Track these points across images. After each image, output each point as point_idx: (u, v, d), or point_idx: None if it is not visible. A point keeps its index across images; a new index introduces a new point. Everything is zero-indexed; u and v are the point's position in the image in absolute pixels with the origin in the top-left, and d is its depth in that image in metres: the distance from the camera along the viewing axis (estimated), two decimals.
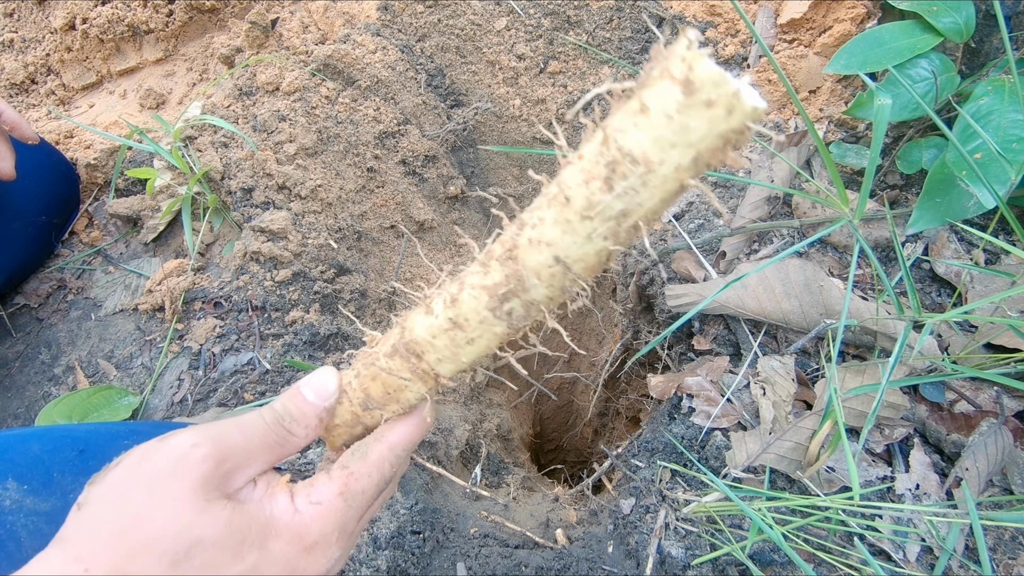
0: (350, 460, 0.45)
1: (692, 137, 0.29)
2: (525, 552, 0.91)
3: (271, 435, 0.43)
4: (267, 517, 0.41)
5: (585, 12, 1.36)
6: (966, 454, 0.80)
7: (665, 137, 0.29)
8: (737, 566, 0.81)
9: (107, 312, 1.18)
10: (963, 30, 0.96)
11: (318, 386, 0.46)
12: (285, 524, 0.41)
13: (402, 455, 0.46)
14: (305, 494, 0.43)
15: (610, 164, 0.31)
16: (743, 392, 0.92)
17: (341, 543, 0.43)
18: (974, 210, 0.85)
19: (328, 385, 0.46)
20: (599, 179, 0.32)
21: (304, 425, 0.45)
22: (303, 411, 0.45)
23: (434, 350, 0.42)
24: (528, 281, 0.37)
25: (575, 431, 1.63)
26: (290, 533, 0.41)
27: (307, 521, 0.41)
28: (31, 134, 1.07)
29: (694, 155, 0.29)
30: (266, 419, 0.43)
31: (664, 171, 0.30)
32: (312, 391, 0.45)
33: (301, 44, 1.36)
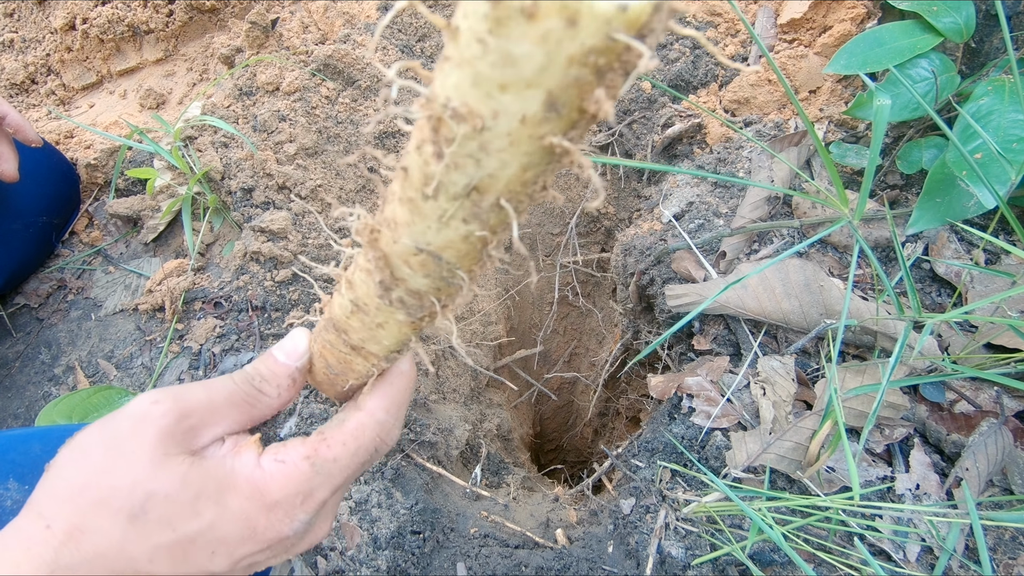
0: (327, 427, 0.44)
1: (526, 71, 0.19)
2: (525, 552, 0.91)
3: (239, 393, 0.42)
4: (227, 472, 0.40)
5: None
6: (966, 454, 0.80)
7: (486, 76, 0.20)
8: (737, 566, 0.81)
9: (107, 312, 1.18)
10: (963, 30, 0.96)
11: (288, 347, 0.45)
12: (245, 479, 0.40)
13: (386, 419, 0.43)
14: (272, 453, 0.42)
15: (432, 123, 0.23)
16: (743, 392, 0.92)
17: (306, 508, 0.41)
18: (974, 210, 0.85)
19: (299, 346, 0.45)
20: (428, 143, 0.24)
21: (275, 384, 0.44)
22: (273, 371, 0.44)
23: (353, 331, 0.39)
24: (400, 270, 0.31)
25: (575, 431, 1.64)
26: (249, 488, 0.39)
27: (267, 478, 0.40)
28: (35, 137, 1.08)
29: (543, 100, 0.20)
30: (235, 379, 0.43)
31: (504, 127, 0.21)
32: (283, 351, 0.45)
33: (301, 44, 1.36)
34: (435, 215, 0.26)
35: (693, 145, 1.25)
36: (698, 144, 1.25)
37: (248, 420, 0.43)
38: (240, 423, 0.43)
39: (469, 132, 0.22)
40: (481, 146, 0.22)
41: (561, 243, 1.53)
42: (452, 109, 0.22)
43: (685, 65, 1.27)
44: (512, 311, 1.53)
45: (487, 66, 0.20)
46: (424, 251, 0.28)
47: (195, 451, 0.40)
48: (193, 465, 0.38)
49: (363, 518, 0.91)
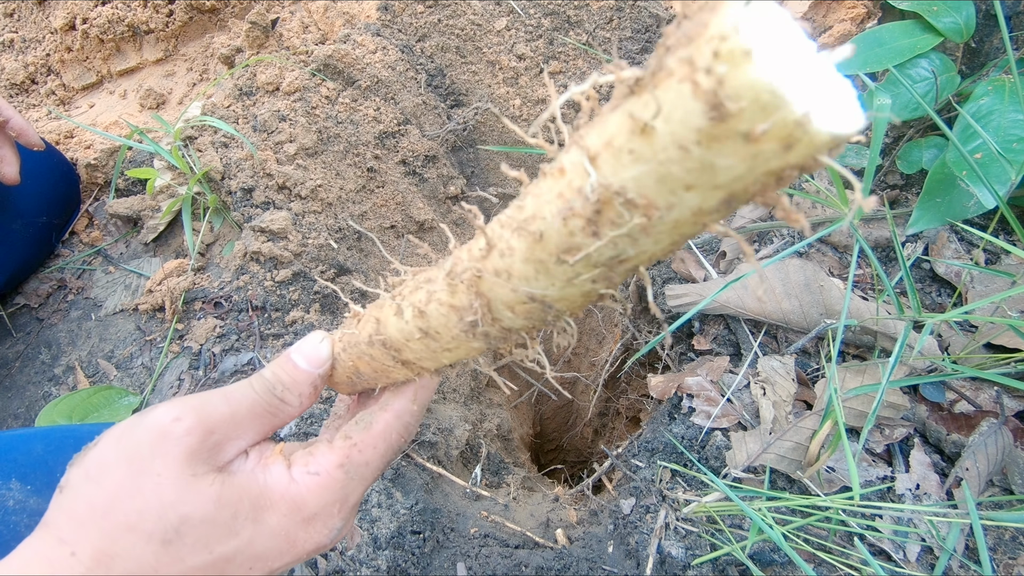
0: (354, 430, 0.42)
1: (721, 179, 0.20)
2: (525, 552, 0.91)
3: (261, 404, 0.41)
4: (260, 488, 0.39)
5: (585, 12, 1.36)
6: (966, 454, 0.80)
7: (677, 177, 0.20)
8: (737, 566, 0.81)
9: (107, 312, 1.18)
10: (963, 30, 0.96)
11: (310, 352, 0.43)
12: (280, 495, 0.39)
13: (411, 421, 0.44)
14: (303, 463, 0.41)
15: (595, 205, 0.23)
16: (743, 392, 0.92)
17: (342, 514, 0.41)
18: (974, 210, 0.85)
19: (321, 351, 0.44)
20: (580, 219, 0.24)
21: (297, 393, 0.42)
22: (295, 378, 0.42)
23: (411, 351, 0.38)
24: (499, 312, 0.31)
25: (575, 431, 1.63)
26: (286, 504, 0.39)
27: (304, 492, 0.39)
28: (37, 141, 1.08)
29: (723, 198, 0.21)
30: (255, 388, 0.41)
31: (675, 216, 0.22)
32: (304, 357, 0.43)
33: (301, 44, 1.36)
34: (565, 276, 0.26)
35: None
36: None
37: (269, 430, 0.42)
38: (262, 433, 0.42)
39: (640, 221, 0.22)
40: (644, 229, 0.23)
41: None
42: (627, 199, 0.22)
43: None
44: None
45: (682, 170, 0.20)
46: (537, 300, 0.28)
47: (221, 467, 0.39)
48: (225, 484, 0.37)
49: (363, 518, 0.91)
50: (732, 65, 0.17)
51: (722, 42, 0.17)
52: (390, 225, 1.32)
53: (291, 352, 0.43)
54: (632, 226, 0.23)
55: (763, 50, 0.17)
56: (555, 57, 1.38)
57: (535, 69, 1.39)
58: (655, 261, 0.27)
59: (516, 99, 1.39)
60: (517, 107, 1.39)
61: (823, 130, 0.18)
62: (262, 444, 0.42)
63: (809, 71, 0.18)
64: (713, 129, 0.18)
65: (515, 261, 0.28)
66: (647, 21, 1.33)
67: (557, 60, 1.38)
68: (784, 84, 0.17)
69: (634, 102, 0.21)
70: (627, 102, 0.21)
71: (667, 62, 0.19)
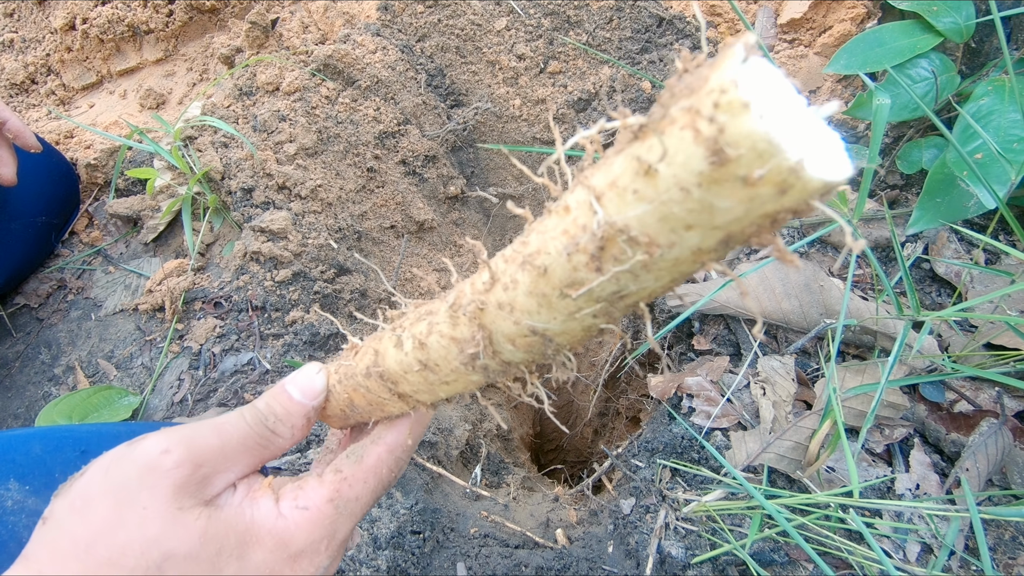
0: (344, 464, 0.42)
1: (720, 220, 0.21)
2: (525, 552, 0.91)
3: (252, 436, 0.40)
4: (247, 523, 0.38)
5: (585, 12, 1.36)
6: (966, 454, 0.80)
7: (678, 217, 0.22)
8: (737, 566, 0.81)
9: (107, 312, 1.18)
10: (963, 30, 0.96)
11: (304, 384, 0.43)
12: (267, 531, 0.38)
13: (403, 456, 0.43)
14: (292, 497, 0.40)
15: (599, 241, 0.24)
16: (743, 392, 0.92)
17: (330, 551, 0.40)
18: (974, 210, 0.85)
19: (315, 384, 0.43)
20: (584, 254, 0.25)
21: (290, 425, 0.41)
22: (288, 410, 0.41)
23: (408, 384, 0.38)
24: (500, 345, 0.32)
25: (575, 431, 1.63)
26: (273, 540, 0.38)
27: (292, 528, 0.38)
28: (34, 143, 1.08)
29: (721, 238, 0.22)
30: (247, 419, 0.40)
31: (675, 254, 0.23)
32: (298, 389, 0.42)
33: (301, 44, 1.36)
34: (567, 310, 0.28)
35: None
36: None
37: (259, 462, 0.41)
38: (252, 466, 0.41)
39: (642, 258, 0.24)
40: (645, 266, 0.24)
41: None
42: (630, 236, 0.23)
43: None
44: None
45: (683, 210, 0.21)
46: (539, 334, 0.29)
47: (208, 500, 0.38)
48: (211, 519, 0.37)
49: (363, 518, 0.91)
50: (731, 115, 0.19)
51: (722, 94, 0.19)
52: (390, 225, 1.32)
53: (286, 383, 0.42)
54: (634, 263, 0.24)
55: (760, 102, 0.19)
56: (555, 57, 1.38)
57: (535, 69, 1.39)
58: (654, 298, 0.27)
59: (516, 99, 1.39)
60: (517, 107, 1.39)
61: (815, 177, 0.19)
62: (251, 477, 0.41)
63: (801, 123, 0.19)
64: (713, 173, 0.20)
65: (519, 295, 0.29)
66: (647, 21, 1.33)
67: (557, 60, 1.38)
68: (779, 134, 0.19)
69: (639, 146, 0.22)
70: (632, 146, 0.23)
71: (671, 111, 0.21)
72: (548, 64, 1.38)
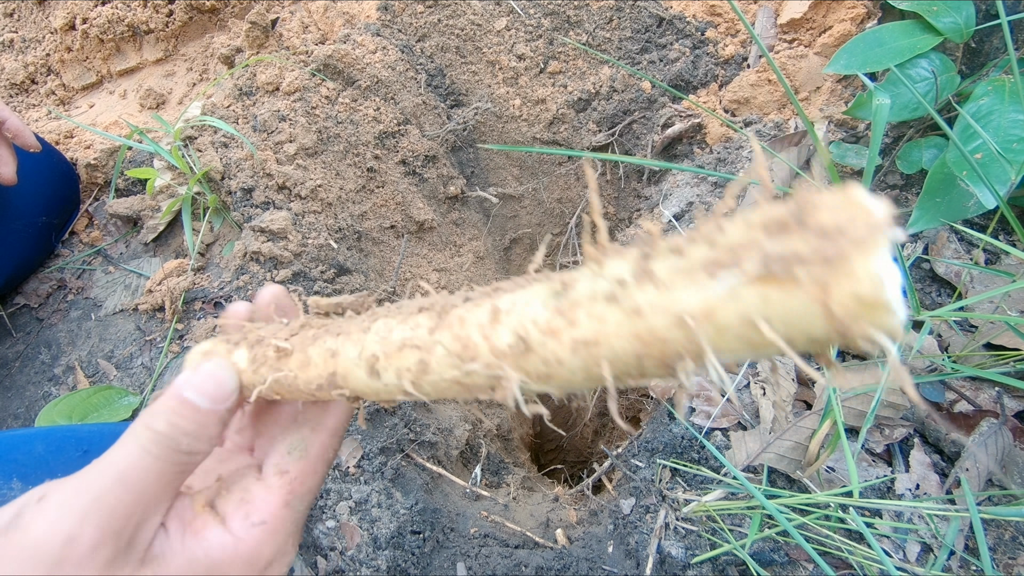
0: (289, 462, 0.38)
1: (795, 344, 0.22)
2: (525, 552, 0.91)
3: (167, 471, 0.33)
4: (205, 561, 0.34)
5: (585, 12, 1.36)
6: (966, 454, 0.80)
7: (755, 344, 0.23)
8: (737, 566, 0.81)
9: (107, 312, 1.18)
10: (963, 30, 0.96)
11: (209, 388, 0.35)
12: (230, 560, 0.34)
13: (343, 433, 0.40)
14: (242, 516, 0.35)
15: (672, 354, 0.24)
16: (743, 392, 0.92)
17: (295, 540, 0.38)
18: (974, 210, 0.85)
19: (225, 384, 0.36)
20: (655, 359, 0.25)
21: (206, 438, 0.35)
22: (200, 423, 0.34)
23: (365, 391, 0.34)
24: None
25: (575, 431, 1.63)
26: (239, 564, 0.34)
27: (255, 545, 0.35)
28: (33, 142, 1.08)
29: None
30: (153, 452, 0.33)
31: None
32: (204, 395, 0.35)
33: (301, 44, 1.36)
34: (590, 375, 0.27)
35: (693, 145, 1.25)
36: (698, 144, 1.25)
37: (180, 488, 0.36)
38: (172, 497, 0.35)
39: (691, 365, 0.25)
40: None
41: (561, 243, 1.53)
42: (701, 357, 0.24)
43: (685, 65, 1.27)
44: None
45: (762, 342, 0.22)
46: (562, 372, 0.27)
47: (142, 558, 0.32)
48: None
49: (363, 518, 0.91)
50: (871, 312, 0.20)
51: (866, 288, 0.19)
52: (390, 225, 1.32)
53: (183, 390, 0.35)
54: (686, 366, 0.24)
55: (896, 301, 0.20)
56: (555, 57, 1.38)
57: (535, 69, 1.39)
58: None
59: (516, 99, 1.39)
60: (517, 107, 1.39)
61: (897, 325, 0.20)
62: (174, 506, 0.36)
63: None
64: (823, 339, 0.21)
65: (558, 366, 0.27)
66: (647, 21, 1.33)
67: (557, 60, 1.38)
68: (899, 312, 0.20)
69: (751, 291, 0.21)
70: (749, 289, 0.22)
71: (796, 271, 0.20)
72: (548, 64, 1.38)
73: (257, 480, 0.37)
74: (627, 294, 0.24)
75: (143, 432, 0.33)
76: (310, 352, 0.35)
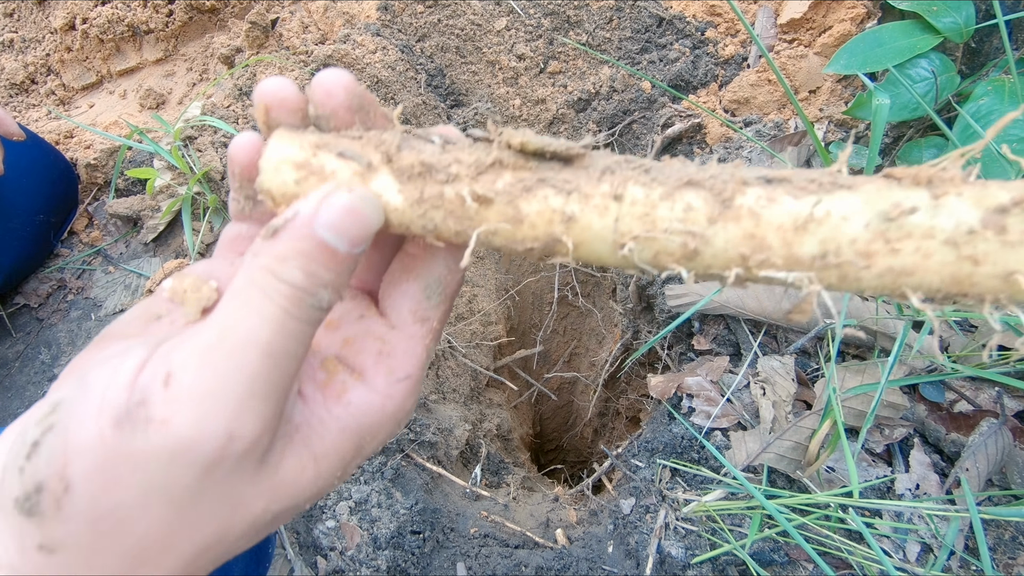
0: (427, 306, 0.32)
1: None
2: (525, 552, 0.91)
3: (308, 332, 0.27)
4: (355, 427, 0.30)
5: (585, 12, 1.36)
6: (966, 454, 0.80)
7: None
8: (737, 566, 0.81)
9: (107, 312, 1.18)
10: (963, 30, 0.96)
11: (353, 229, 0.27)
12: (379, 422, 0.31)
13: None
14: (385, 370, 0.31)
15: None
16: (743, 392, 0.92)
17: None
18: None
19: (370, 225, 0.28)
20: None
21: (342, 289, 0.28)
22: (338, 271, 0.27)
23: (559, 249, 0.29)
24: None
25: (575, 431, 1.63)
26: (388, 424, 0.31)
27: (401, 401, 0.32)
28: (16, 131, 1.07)
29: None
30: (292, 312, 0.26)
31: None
32: (342, 236, 0.27)
33: (301, 44, 1.36)
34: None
35: (693, 145, 1.25)
36: (698, 144, 1.25)
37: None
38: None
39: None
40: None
41: None
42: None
43: (685, 65, 1.27)
44: (512, 311, 1.53)
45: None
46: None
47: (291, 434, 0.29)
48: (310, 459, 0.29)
49: (363, 518, 0.91)
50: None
51: None
52: None
53: (316, 226, 0.27)
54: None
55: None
56: (555, 57, 1.38)
57: (535, 69, 1.39)
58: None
59: (516, 99, 1.39)
60: (517, 107, 1.39)
61: None
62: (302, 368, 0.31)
63: None
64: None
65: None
66: (647, 21, 1.33)
67: (557, 60, 1.38)
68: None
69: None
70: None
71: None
72: (548, 64, 1.38)
73: (392, 328, 0.32)
74: (971, 241, 0.24)
75: (275, 285, 0.26)
76: (522, 206, 0.28)
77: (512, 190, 0.28)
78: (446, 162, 0.29)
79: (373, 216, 0.28)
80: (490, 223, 0.28)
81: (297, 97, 0.31)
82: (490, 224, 0.28)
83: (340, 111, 0.31)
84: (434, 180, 0.29)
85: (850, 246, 0.25)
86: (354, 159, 0.29)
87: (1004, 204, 0.23)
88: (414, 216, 0.29)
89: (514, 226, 0.28)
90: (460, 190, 0.28)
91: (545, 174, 0.28)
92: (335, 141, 0.30)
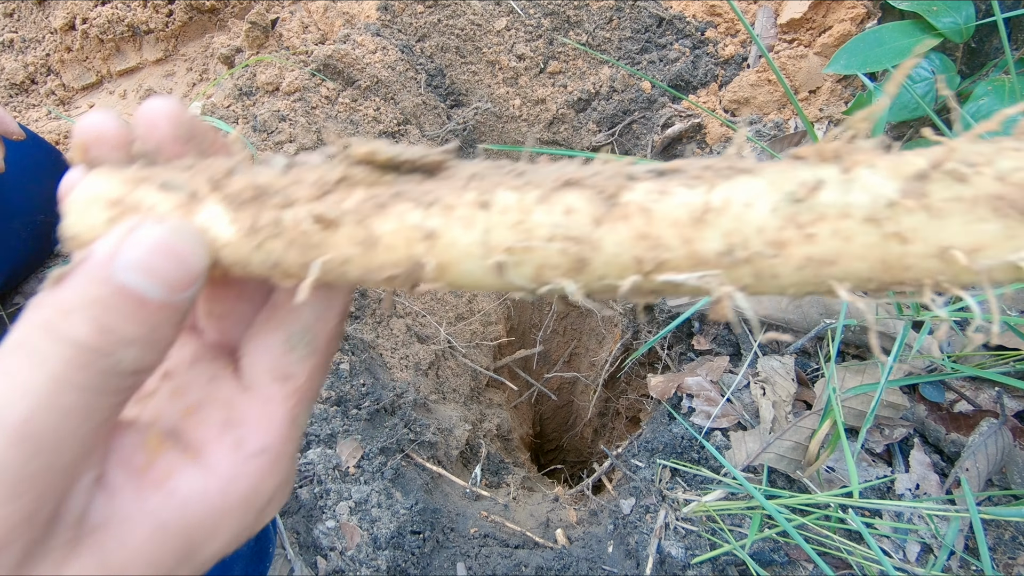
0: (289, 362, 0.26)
1: None
2: (525, 552, 0.91)
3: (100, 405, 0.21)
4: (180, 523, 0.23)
5: (585, 12, 1.36)
6: (966, 454, 0.80)
7: None
8: (737, 566, 0.81)
9: None
10: (963, 30, 0.96)
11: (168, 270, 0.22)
12: (218, 511, 0.24)
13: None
14: (230, 444, 0.25)
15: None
16: (743, 392, 0.92)
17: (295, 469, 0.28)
18: None
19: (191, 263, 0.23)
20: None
21: (160, 346, 0.22)
22: (149, 323, 0.21)
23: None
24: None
25: (575, 431, 1.63)
26: (233, 511, 0.25)
27: (254, 483, 0.25)
28: (16, 130, 1.07)
29: None
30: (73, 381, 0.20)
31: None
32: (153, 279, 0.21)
33: (301, 44, 1.36)
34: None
35: (693, 145, 1.25)
36: (698, 144, 1.25)
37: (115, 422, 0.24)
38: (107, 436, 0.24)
39: None
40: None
41: None
42: None
43: (685, 65, 1.27)
44: (512, 311, 1.53)
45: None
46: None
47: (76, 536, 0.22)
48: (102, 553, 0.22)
49: (363, 518, 0.91)
50: None
51: None
52: None
53: (117, 269, 0.21)
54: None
55: None
56: (555, 57, 1.38)
57: (535, 69, 1.39)
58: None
59: (516, 99, 1.39)
60: (517, 107, 1.39)
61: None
62: (113, 448, 0.24)
63: None
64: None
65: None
66: (647, 21, 1.33)
67: (557, 60, 1.38)
68: None
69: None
70: None
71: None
72: (548, 64, 1.38)
73: (245, 391, 0.26)
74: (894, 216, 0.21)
75: (47, 347, 0.20)
76: (375, 226, 0.24)
77: (362, 208, 0.24)
78: (284, 183, 0.25)
79: (193, 252, 0.23)
80: (339, 249, 0.24)
81: (118, 132, 0.27)
82: (339, 251, 0.24)
83: (167, 143, 0.27)
84: (270, 205, 0.24)
85: (758, 236, 0.22)
86: (177, 189, 0.25)
87: (923, 170, 0.21)
88: (250, 249, 0.24)
89: (367, 251, 0.24)
90: (299, 213, 0.24)
91: (403, 187, 0.24)
92: (160, 173, 0.26)
